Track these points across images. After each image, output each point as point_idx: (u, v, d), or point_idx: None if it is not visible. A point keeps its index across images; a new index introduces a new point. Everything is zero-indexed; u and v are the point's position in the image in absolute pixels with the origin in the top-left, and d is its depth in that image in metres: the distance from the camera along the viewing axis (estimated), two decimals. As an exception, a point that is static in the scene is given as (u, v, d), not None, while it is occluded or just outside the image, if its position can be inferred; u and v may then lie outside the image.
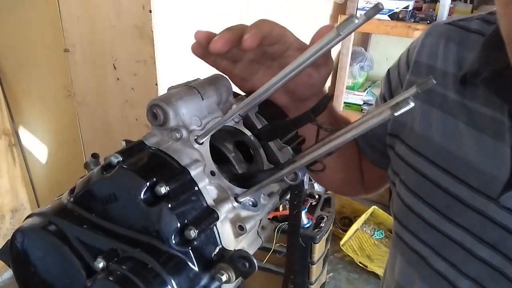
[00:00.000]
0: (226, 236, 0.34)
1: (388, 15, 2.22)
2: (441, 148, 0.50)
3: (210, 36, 0.38)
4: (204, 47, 0.39)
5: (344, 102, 2.68)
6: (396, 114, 0.24)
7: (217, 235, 0.33)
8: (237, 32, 0.37)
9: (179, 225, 0.30)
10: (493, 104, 0.46)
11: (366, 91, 2.70)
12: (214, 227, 0.33)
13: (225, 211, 0.33)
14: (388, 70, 0.65)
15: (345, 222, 2.53)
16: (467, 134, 0.48)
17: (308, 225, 1.62)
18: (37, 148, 1.94)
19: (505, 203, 0.43)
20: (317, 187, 2.28)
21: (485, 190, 0.45)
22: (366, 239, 2.45)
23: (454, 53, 0.52)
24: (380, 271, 2.19)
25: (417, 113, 0.54)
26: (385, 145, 0.62)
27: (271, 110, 0.45)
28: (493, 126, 0.45)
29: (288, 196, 0.42)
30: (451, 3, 2.17)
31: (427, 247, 0.53)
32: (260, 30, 0.37)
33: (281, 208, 1.61)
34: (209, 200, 0.33)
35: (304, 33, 0.51)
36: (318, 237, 1.58)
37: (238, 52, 0.42)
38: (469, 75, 0.47)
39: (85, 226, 0.32)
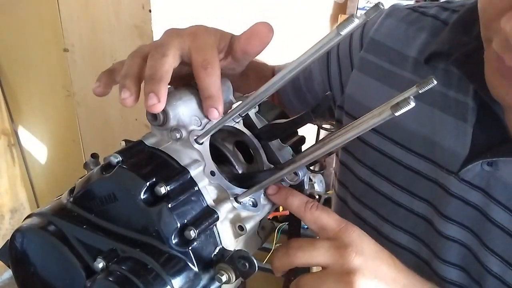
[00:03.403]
0: (226, 236, 0.34)
1: (388, 15, 2.21)
2: (401, 127, 0.52)
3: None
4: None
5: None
6: (396, 114, 0.25)
7: (217, 235, 0.33)
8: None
9: (179, 225, 0.30)
10: (455, 86, 0.48)
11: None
12: (214, 227, 0.33)
13: (225, 211, 0.33)
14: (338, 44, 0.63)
15: (345, 222, 2.52)
16: (427, 113, 0.50)
17: (308, 225, 1.62)
18: (37, 148, 1.94)
19: (464, 176, 0.46)
20: (317, 187, 2.28)
21: (446, 165, 0.48)
22: (366, 239, 2.44)
23: (416, 37, 0.53)
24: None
25: (373, 92, 0.55)
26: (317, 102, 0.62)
27: (271, 111, 0.45)
28: (454, 106, 0.48)
29: (288, 196, 0.42)
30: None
31: (386, 222, 0.55)
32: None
33: (281, 208, 1.61)
34: (209, 200, 0.33)
35: (304, 33, 0.51)
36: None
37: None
38: (435, 56, 0.49)
39: (84, 226, 0.32)
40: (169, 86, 0.38)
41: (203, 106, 0.36)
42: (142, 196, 0.30)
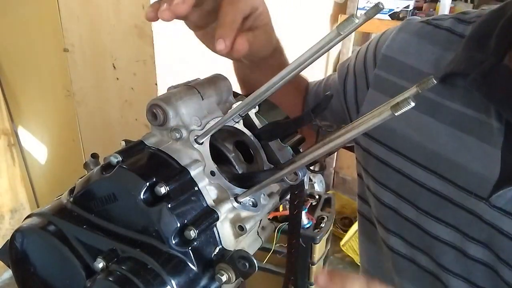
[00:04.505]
0: (226, 236, 0.34)
1: (388, 15, 2.21)
2: (422, 146, 0.49)
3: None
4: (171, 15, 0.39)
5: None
6: (396, 114, 0.24)
7: (217, 235, 0.33)
8: None
9: (179, 225, 0.30)
10: (475, 105, 0.46)
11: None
12: (214, 227, 0.33)
13: (225, 211, 0.33)
14: (356, 53, 0.63)
15: (346, 222, 2.52)
16: (448, 134, 0.47)
17: (308, 226, 1.62)
18: (37, 148, 1.94)
19: (495, 202, 0.43)
20: (317, 187, 2.28)
21: (475, 189, 0.45)
22: (366, 239, 2.44)
23: (429, 52, 0.51)
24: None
25: None
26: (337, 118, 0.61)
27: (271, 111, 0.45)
28: (476, 127, 0.45)
29: (288, 196, 0.42)
30: (451, 3, 2.17)
31: (414, 248, 0.52)
32: None
33: (281, 208, 1.61)
34: (209, 200, 0.33)
35: (304, 33, 0.51)
36: (318, 237, 1.58)
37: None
38: (451, 75, 0.47)
39: (84, 226, 0.32)
40: (169, 86, 0.38)
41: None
42: (142, 196, 0.30)
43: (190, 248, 0.30)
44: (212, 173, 0.34)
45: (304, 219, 1.63)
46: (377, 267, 0.60)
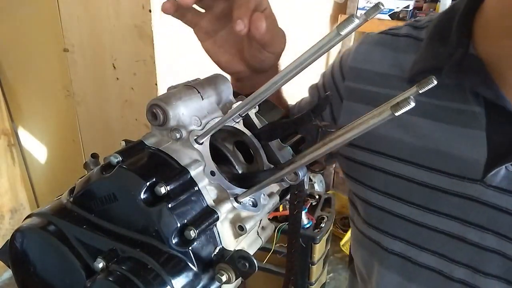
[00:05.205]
0: (226, 236, 0.34)
1: (388, 15, 2.21)
2: (404, 142, 0.51)
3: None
4: (176, 5, 0.42)
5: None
6: (396, 114, 0.24)
7: (217, 235, 0.33)
8: None
9: (179, 225, 0.30)
10: (451, 97, 0.48)
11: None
12: (214, 227, 0.33)
13: (225, 211, 0.33)
14: (322, 75, 0.66)
15: (346, 222, 2.52)
16: (429, 127, 0.49)
17: (308, 225, 1.62)
18: (37, 148, 1.94)
19: (490, 182, 0.44)
20: (317, 187, 2.28)
21: (467, 174, 0.46)
22: (366, 239, 2.44)
23: (391, 57, 0.55)
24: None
25: None
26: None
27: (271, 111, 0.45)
28: (457, 115, 0.47)
29: (288, 196, 0.42)
30: (451, 2, 2.17)
31: (410, 245, 0.52)
32: None
33: (281, 208, 1.61)
34: (209, 200, 0.33)
35: (304, 32, 0.52)
36: (318, 237, 1.58)
37: (208, 2, 0.43)
38: (421, 74, 0.49)
39: (84, 226, 0.32)
40: (169, 86, 0.38)
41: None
42: (142, 196, 0.30)
43: (190, 248, 0.30)
44: (212, 173, 0.34)
45: (304, 219, 1.63)
46: (370, 268, 0.60)
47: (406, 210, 0.51)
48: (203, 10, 0.46)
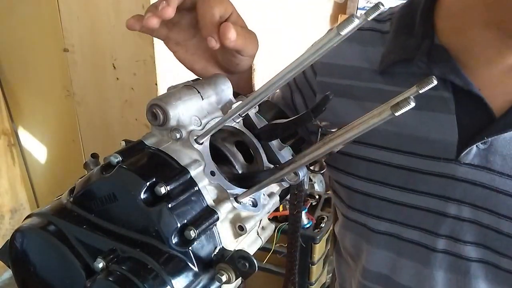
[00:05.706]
0: (226, 236, 0.34)
1: (388, 15, 2.21)
2: (382, 132, 0.54)
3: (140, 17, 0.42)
4: (140, 20, 0.42)
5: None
6: (396, 114, 0.25)
7: (217, 235, 0.33)
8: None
9: (179, 225, 0.30)
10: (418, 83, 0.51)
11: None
12: (214, 227, 0.33)
13: (225, 211, 0.33)
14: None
15: (345, 222, 2.52)
16: (403, 115, 0.51)
17: (308, 225, 1.62)
18: (37, 148, 1.94)
19: (464, 160, 0.49)
20: (317, 187, 2.28)
21: (442, 155, 0.50)
22: (366, 239, 2.43)
23: (359, 50, 0.58)
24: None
25: (340, 109, 0.57)
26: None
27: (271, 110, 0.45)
28: (428, 101, 0.50)
29: (288, 196, 0.42)
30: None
31: (395, 223, 0.55)
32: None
33: (281, 208, 1.61)
34: (209, 200, 0.33)
35: (304, 32, 0.52)
36: (318, 237, 1.58)
37: (175, 15, 0.43)
38: (391, 65, 0.53)
39: (84, 226, 0.32)
40: (169, 86, 0.38)
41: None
42: (142, 196, 0.30)
43: (190, 248, 0.30)
44: (212, 173, 0.34)
45: (304, 219, 1.63)
46: (359, 247, 0.63)
47: (388, 192, 0.55)
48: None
